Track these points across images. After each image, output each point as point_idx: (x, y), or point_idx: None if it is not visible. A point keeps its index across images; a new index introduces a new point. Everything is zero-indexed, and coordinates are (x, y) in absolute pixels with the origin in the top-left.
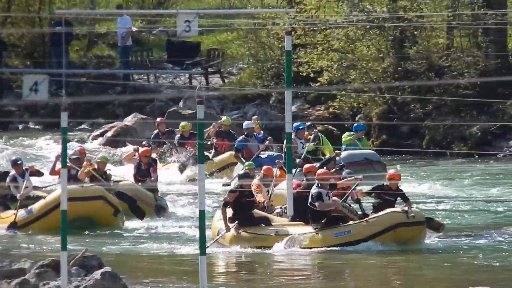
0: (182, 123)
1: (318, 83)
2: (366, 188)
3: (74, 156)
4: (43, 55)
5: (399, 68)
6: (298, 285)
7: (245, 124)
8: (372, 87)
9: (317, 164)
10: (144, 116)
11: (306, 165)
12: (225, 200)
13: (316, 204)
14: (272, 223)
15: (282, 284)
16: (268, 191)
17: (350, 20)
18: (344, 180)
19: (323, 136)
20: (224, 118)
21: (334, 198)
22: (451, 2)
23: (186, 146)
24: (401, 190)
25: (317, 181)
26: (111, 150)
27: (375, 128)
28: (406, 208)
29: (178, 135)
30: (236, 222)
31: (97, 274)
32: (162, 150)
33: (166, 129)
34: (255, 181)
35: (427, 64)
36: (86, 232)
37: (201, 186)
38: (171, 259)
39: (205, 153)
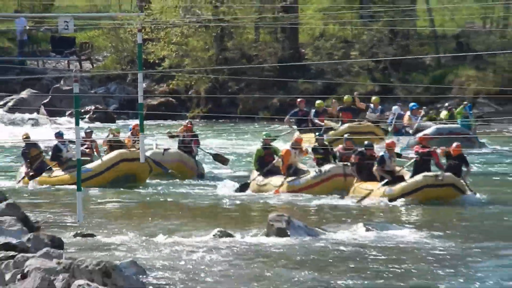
0: (318, 101)
1: (161, 67)
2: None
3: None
4: None
5: (220, 57)
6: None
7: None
8: (200, 70)
9: None
10: (35, 91)
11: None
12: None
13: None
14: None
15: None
16: (295, 153)
17: (184, 21)
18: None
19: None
20: (346, 96)
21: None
22: (258, 7)
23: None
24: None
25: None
26: (12, 115)
27: (204, 100)
28: (439, 173)
29: (313, 110)
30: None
31: (2, 205)
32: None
33: (304, 108)
34: (287, 146)
35: (241, 53)
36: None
37: (78, 144)
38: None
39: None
